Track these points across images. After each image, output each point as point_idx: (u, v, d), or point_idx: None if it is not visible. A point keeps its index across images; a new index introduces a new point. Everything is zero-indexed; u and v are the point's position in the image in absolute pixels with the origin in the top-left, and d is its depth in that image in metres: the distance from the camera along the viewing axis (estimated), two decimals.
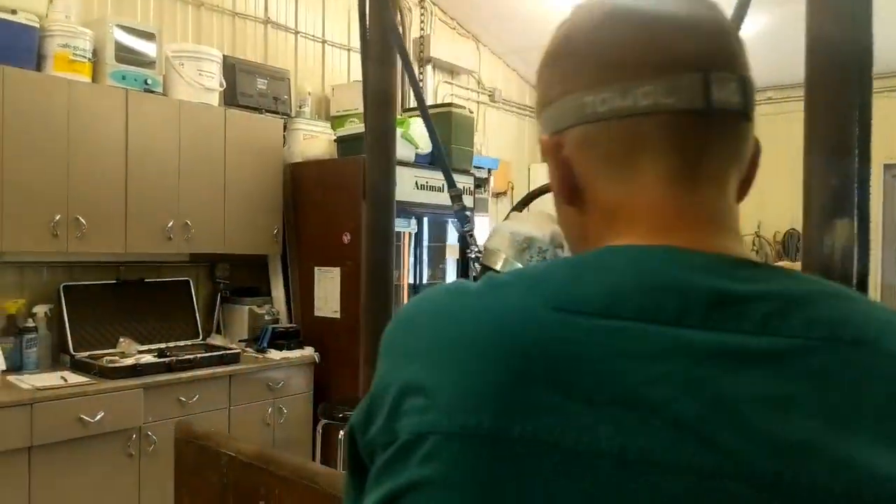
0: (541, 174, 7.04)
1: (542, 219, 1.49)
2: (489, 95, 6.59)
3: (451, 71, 6.11)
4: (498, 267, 1.39)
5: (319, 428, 3.93)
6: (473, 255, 1.50)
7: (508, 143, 6.87)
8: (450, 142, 4.75)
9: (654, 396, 0.50)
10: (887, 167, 5.91)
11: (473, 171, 5.06)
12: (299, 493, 1.52)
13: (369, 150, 1.46)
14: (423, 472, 0.53)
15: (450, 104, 5.00)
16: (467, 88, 6.34)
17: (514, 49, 6.61)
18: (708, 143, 0.61)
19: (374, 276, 1.47)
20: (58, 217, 3.34)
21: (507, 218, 1.59)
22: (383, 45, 1.48)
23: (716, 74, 0.59)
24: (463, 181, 4.87)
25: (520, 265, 1.36)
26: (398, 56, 1.46)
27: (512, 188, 6.87)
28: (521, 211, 1.58)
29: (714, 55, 0.61)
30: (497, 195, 6.73)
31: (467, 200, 4.91)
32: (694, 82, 0.59)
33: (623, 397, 0.50)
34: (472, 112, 4.92)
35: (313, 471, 1.61)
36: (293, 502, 1.55)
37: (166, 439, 3.40)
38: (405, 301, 4.63)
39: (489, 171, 6.29)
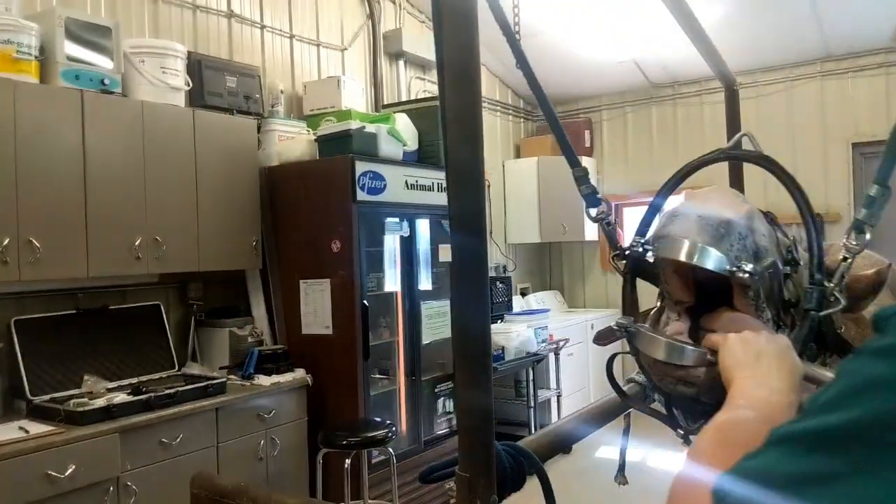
0: (514, 170, 6.75)
1: (728, 196, 1.14)
2: None
3: (424, 66, 5.76)
4: (682, 257, 1.03)
5: (320, 458, 3.52)
6: (634, 248, 1.14)
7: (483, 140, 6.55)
8: (437, 137, 4.40)
9: None
10: (855, 146, 5.79)
11: None
12: None
13: (451, 125, 1.10)
14: None
15: (436, 97, 4.65)
16: None
17: (484, 44, 6.28)
18: None
19: (465, 273, 1.10)
20: (6, 241, 2.87)
21: (659, 194, 1.22)
22: (462, 12, 1.12)
23: None
24: None
25: (717, 254, 1.01)
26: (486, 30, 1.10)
27: (489, 186, 6.56)
28: (672, 191, 1.23)
29: None
30: None
31: None
32: None
33: None
34: None
35: None
36: None
37: (149, 490, 2.97)
38: (401, 313, 4.25)
39: None
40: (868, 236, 1.05)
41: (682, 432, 1.14)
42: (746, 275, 1.00)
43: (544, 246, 7.17)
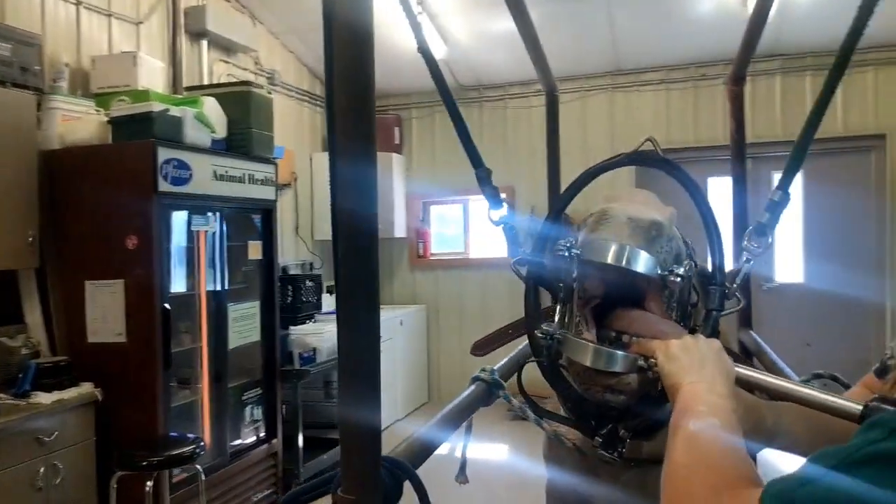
0: (323, 164, 6.54)
1: (651, 198, 1.11)
2: (268, 78, 5.94)
3: (228, 48, 5.37)
4: (609, 259, 0.98)
5: (114, 482, 3.12)
6: (566, 250, 1.05)
7: (289, 131, 6.27)
8: (249, 125, 4.12)
9: None
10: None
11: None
12: None
13: (340, 129, 0.97)
14: None
15: (248, 83, 4.34)
16: (245, 69, 5.63)
17: (292, 29, 6.03)
18: None
19: (354, 290, 1.00)
20: None
21: (558, 203, 1.16)
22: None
23: None
24: (264, 170, 4.28)
25: (646, 256, 0.97)
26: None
27: (295, 179, 6.30)
28: (575, 195, 1.17)
29: None
30: (281, 187, 6.12)
31: (268, 192, 4.31)
32: None
33: None
34: (270, 93, 4.31)
35: None
36: None
37: None
38: (205, 317, 3.91)
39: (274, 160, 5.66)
40: (770, 239, 1.08)
41: (599, 439, 1.11)
42: (678, 279, 0.98)
43: None
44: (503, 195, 1.35)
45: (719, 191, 4.99)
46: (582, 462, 1.67)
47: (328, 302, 5.97)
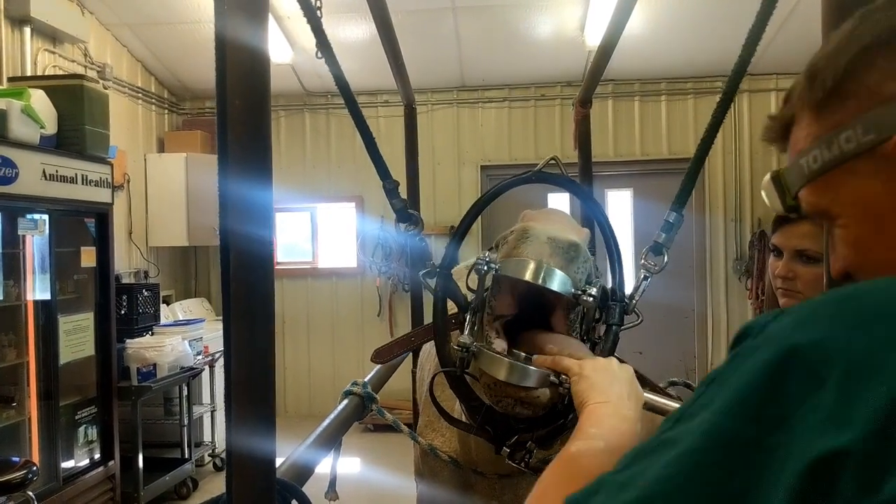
0: (158, 166, 6.16)
1: (566, 218, 1.14)
2: (98, 72, 5.50)
3: (55, 37, 4.92)
4: (528, 277, 1.00)
5: None
6: (484, 265, 1.05)
7: (122, 130, 5.84)
8: (82, 122, 3.80)
9: None
10: (483, 168, 6.58)
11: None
12: None
13: (233, 143, 0.94)
14: None
15: (81, 76, 4.00)
16: (73, 61, 5.18)
17: (126, 22, 5.64)
18: None
19: (246, 303, 0.97)
20: None
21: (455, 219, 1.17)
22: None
23: None
24: (98, 171, 3.98)
25: (563, 276, 0.99)
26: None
27: (128, 181, 5.88)
28: (482, 210, 1.19)
29: None
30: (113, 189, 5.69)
31: (103, 194, 4.01)
32: None
33: None
34: (107, 88, 4.00)
35: None
36: None
37: None
38: (32, 329, 3.54)
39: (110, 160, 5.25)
40: (666, 258, 1.16)
41: (507, 449, 1.13)
42: (591, 298, 1.02)
43: (190, 250, 6.68)
44: (352, 204, 1.36)
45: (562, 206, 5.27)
46: (456, 475, 1.70)
47: (164, 312, 5.62)
